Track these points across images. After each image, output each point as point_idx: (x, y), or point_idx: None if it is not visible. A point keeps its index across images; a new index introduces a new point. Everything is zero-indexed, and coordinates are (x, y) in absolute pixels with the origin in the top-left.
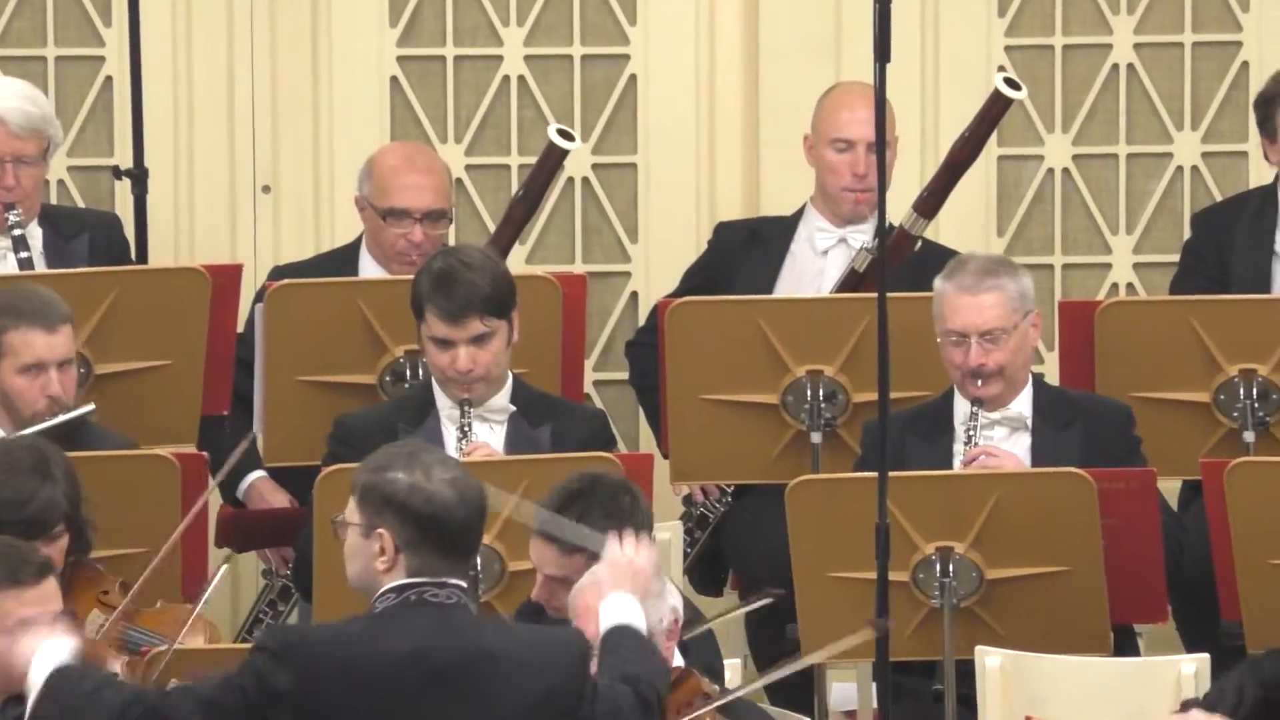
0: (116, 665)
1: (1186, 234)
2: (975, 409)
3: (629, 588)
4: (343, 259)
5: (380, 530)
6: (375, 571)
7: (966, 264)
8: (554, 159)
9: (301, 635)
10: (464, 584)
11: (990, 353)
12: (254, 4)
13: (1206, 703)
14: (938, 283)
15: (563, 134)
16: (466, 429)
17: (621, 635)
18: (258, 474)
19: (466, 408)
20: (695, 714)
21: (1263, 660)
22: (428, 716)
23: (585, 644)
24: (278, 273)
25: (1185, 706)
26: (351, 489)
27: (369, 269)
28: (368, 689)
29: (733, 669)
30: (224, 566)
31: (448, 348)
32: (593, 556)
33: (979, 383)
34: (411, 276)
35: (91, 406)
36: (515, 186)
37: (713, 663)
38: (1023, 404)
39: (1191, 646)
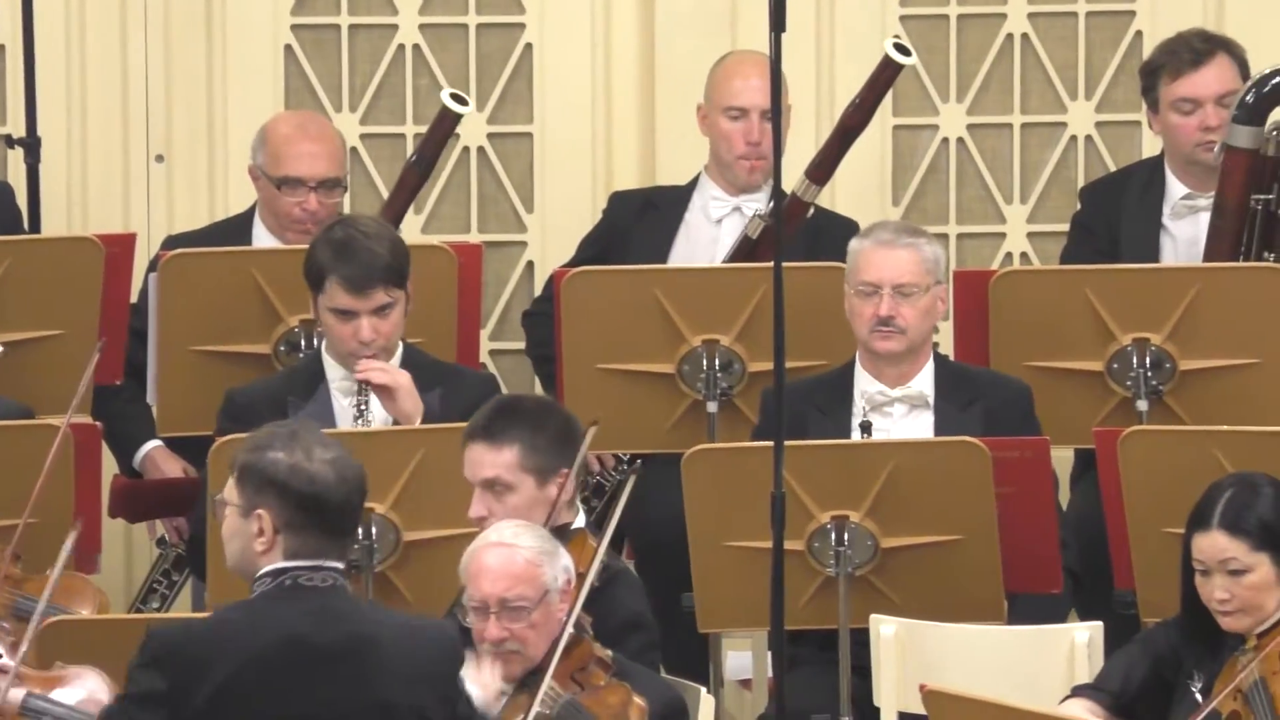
0: (2, 647)
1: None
2: (874, 385)
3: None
4: (236, 228)
5: (259, 511)
6: (254, 553)
7: (886, 224)
8: (447, 123)
9: (174, 636)
10: (340, 567)
11: (899, 306)
12: None
13: (1093, 685)
14: (854, 241)
15: (456, 98)
16: (364, 406)
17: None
18: (154, 443)
19: (365, 385)
20: (589, 678)
21: (1153, 636)
22: (304, 702)
23: (458, 635)
24: (171, 242)
25: (1075, 692)
26: (230, 468)
27: (262, 238)
28: (243, 678)
29: None
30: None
31: (350, 318)
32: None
33: (885, 338)
34: (305, 246)
35: None
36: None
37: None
38: (924, 382)
39: (1085, 615)
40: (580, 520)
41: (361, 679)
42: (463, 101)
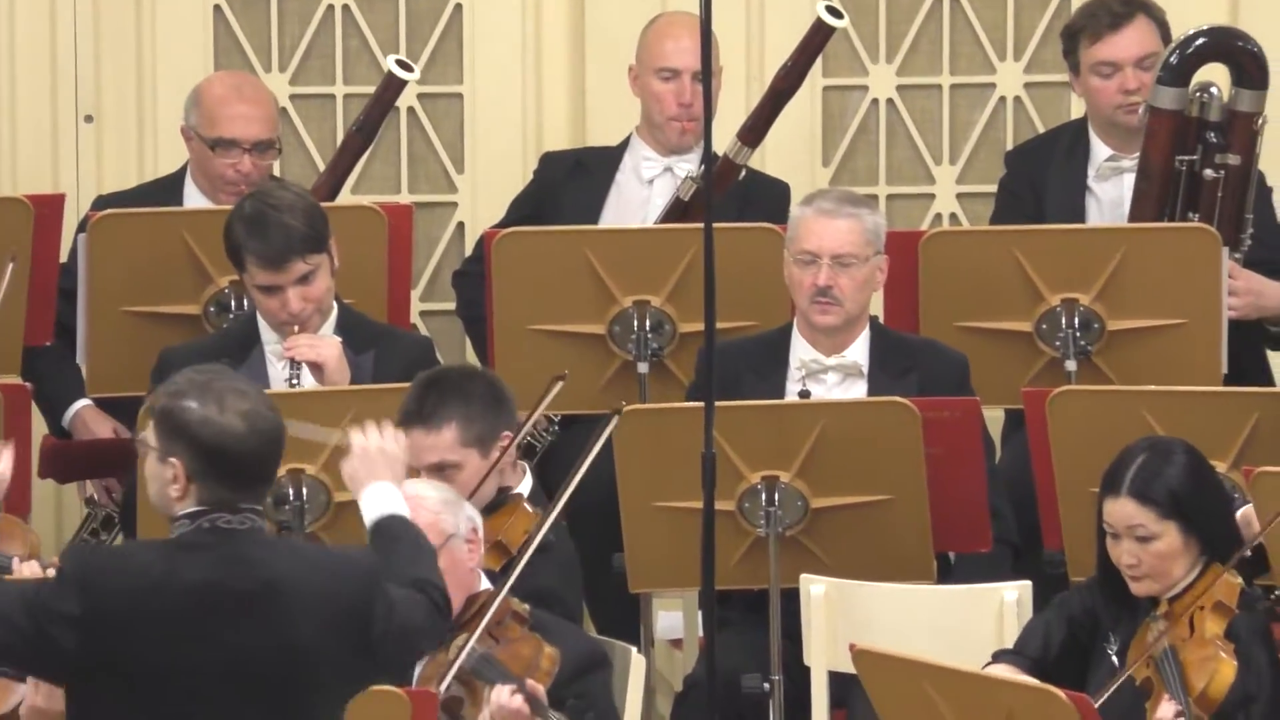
0: None
1: None
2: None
3: (385, 475)
4: (166, 188)
5: (172, 459)
6: (170, 498)
7: (829, 193)
8: (392, 90)
9: (95, 560)
10: (259, 508)
11: (838, 276)
12: None
13: (1015, 649)
14: (795, 208)
15: (401, 64)
16: (296, 373)
17: (391, 527)
18: (83, 403)
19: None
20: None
21: (1069, 599)
22: (219, 642)
23: (376, 562)
24: (101, 202)
25: (996, 658)
26: (150, 410)
27: (194, 199)
28: (159, 616)
29: None
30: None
31: (275, 293)
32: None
33: (823, 309)
34: (224, 209)
35: None
36: (341, 116)
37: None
38: (859, 352)
39: (1014, 574)
40: (526, 485)
41: (272, 624)
42: (408, 68)
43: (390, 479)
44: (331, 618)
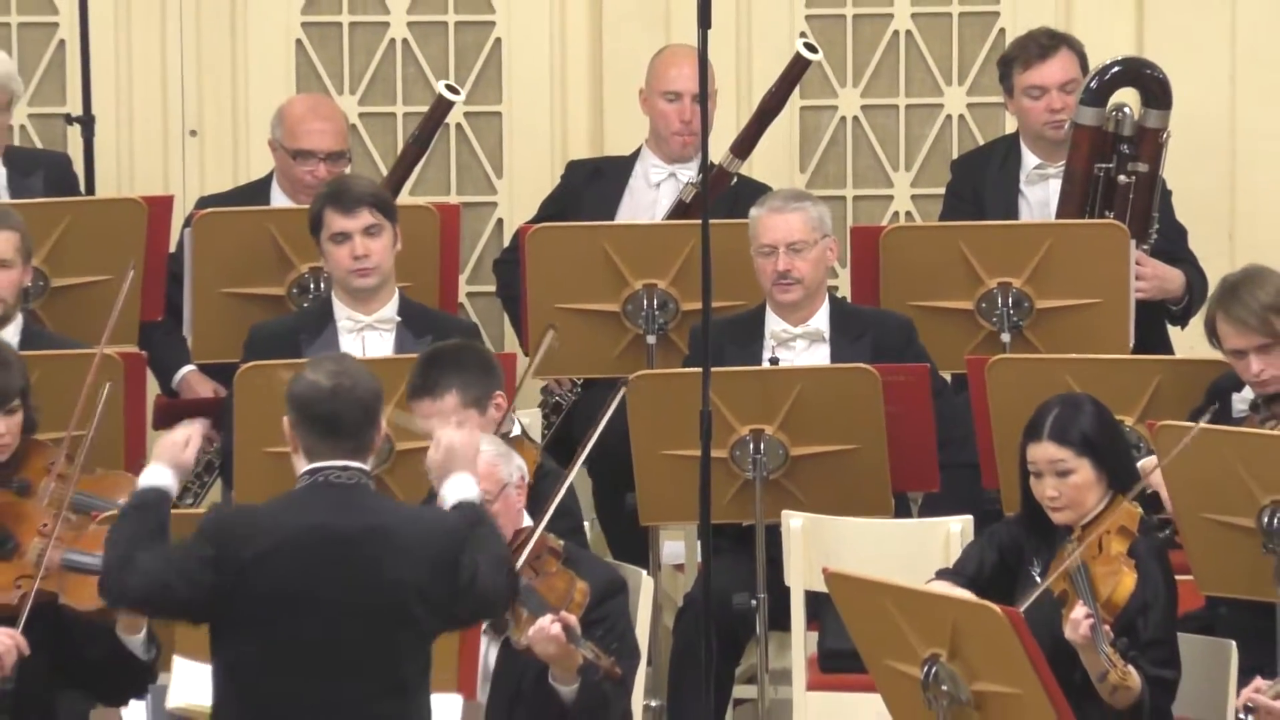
0: (45, 517)
1: None
2: (782, 325)
3: (465, 467)
4: (256, 191)
5: (285, 417)
6: (292, 454)
7: (777, 194)
8: (442, 109)
9: (226, 514)
10: (365, 468)
11: (794, 261)
12: None
13: (953, 570)
14: (753, 210)
15: (450, 89)
16: (364, 341)
17: (470, 512)
18: (189, 368)
19: (364, 321)
20: (543, 563)
21: (998, 529)
22: (325, 579)
23: (462, 522)
24: (203, 202)
25: (938, 575)
26: None
27: (279, 199)
28: (274, 556)
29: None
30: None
31: (345, 240)
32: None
33: (785, 289)
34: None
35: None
36: (401, 132)
37: (571, 515)
38: (821, 320)
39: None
40: (516, 429)
41: (373, 561)
42: (455, 91)
43: (469, 471)
44: (422, 562)
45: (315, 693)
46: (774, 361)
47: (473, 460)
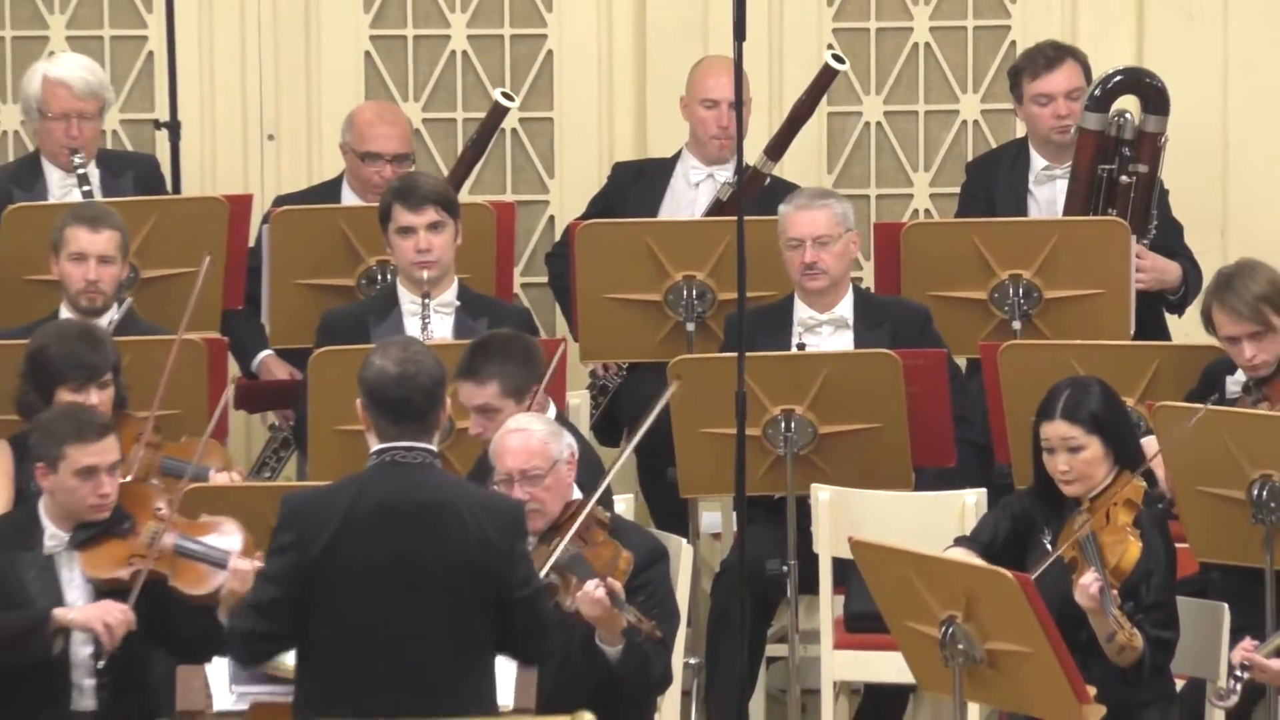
0: (161, 502)
1: None
2: (810, 313)
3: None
4: (327, 191)
5: (358, 399)
6: (365, 432)
7: (804, 192)
8: (497, 115)
9: (302, 496)
10: (433, 449)
11: (820, 253)
12: (261, 1)
13: (969, 537)
14: (782, 207)
15: (505, 96)
16: (427, 320)
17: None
18: (266, 352)
19: (425, 300)
20: (590, 533)
21: (1011, 501)
22: (393, 554)
23: (522, 510)
24: (279, 201)
25: (955, 542)
26: None
27: (349, 198)
28: (347, 533)
29: (626, 503)
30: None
31: (410, 235)
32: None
33: (812, 278)
34: (374, 205)
35: (128, 301)
36: (460, 136)
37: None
38: (845, 308)
39: (981, 469)
40: (551, 412)
41: (437, 538)
42: (510, 99)
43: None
44: (485, 541)
45: (387, 658)
46: (800, 347)
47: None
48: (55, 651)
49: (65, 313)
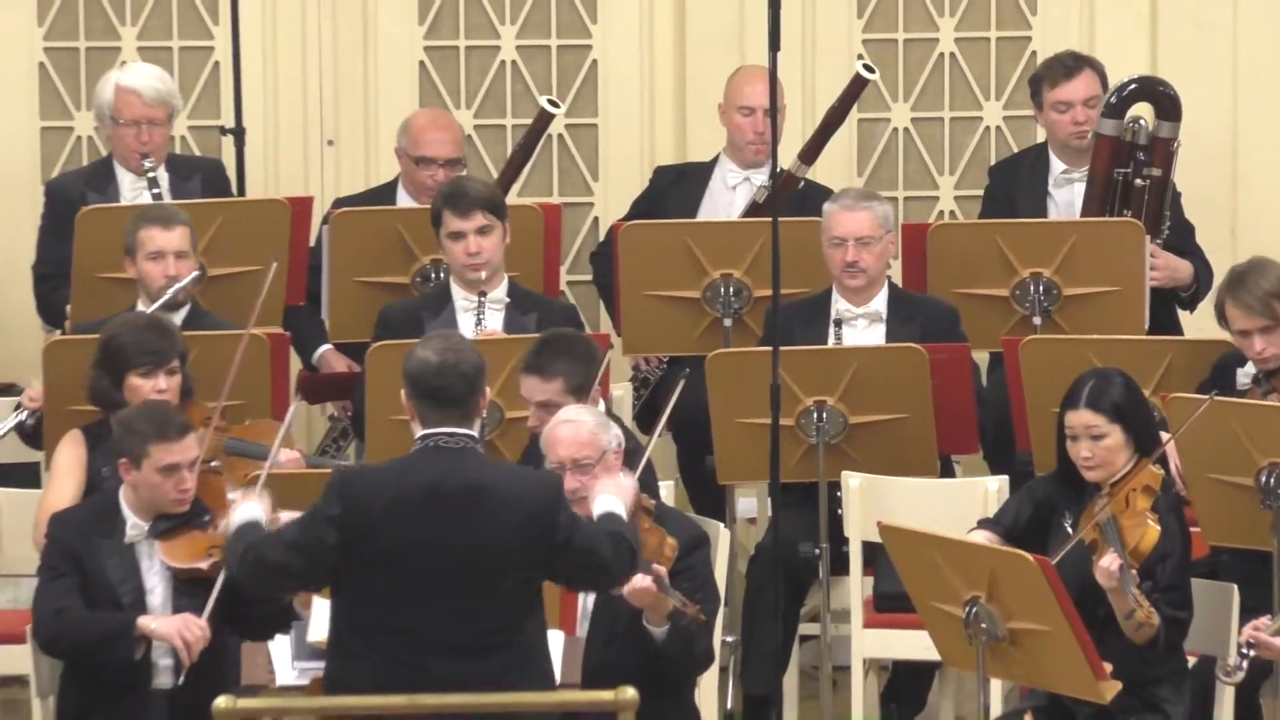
0: (236, 495)
1: None
2: (845, 306)
3: (616, 495)
4: (383, 193)
5: (402, 389)
6: (410, 421)
7: (849, 192)
8: (544, 120)
9: (350, 474)
10: (473, 434)
11: (861, 252)
12: (321, 10)
13: (993, 520)
14: (827, 205)
15: (551, 103)
16: (481, 315)
17: (609, 515)
18: (326, 347)
19: (481, 298)
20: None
21: (1034, 486)
22: (436, 531)
23: (559, 482)
24: (339, 203)
25: (979, 524)
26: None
27: (404, 200)
28: (394, 511)
29: (666, 489)
30: (293, 407)
31: (460, 239)
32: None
33: (852, 276)
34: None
35: (197, 273)
36: (510, 142)
37: (650, 483)
38: (880, 303)
39: (995, 471)
40: (601, 407)
41: (476, 515)
42: (555, 105)
43: (619, 499)
44: (520, 518)
45: (427, 631)
46: (838, 323)
47: (627, 496)
48: (136, 657)
49: (141, 308)
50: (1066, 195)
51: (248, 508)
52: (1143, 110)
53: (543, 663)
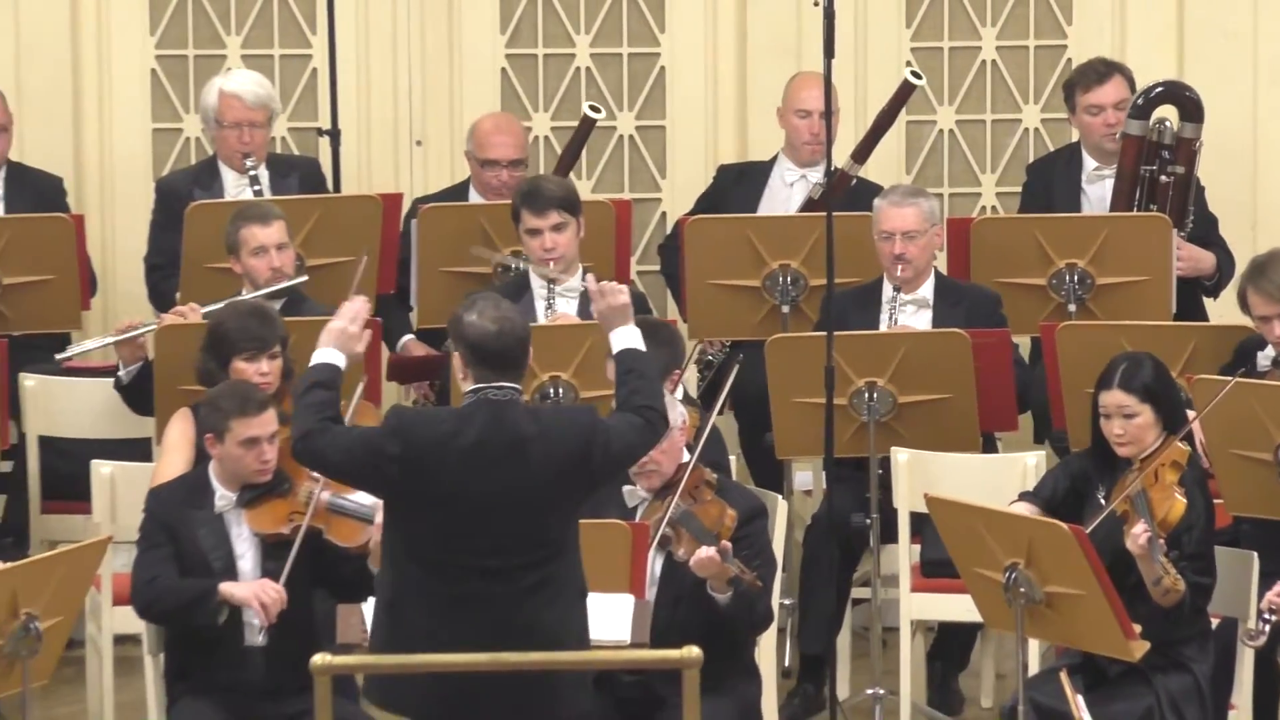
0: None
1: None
2: (896, 292)
3: (627, 321)
4: (457, 193)
5: (455, 353)
6: (459, 380)
7: (897, 189)
8: (587, 125)
9: (410, 417)
10: (518, 386)
11: (908, 245)
12: (410, 22)
13: (1031, 492)
14: (876, 201)
15: (592, 108)
16: (551, 302)
17: (628, 358)
18: (408, 336)
19: (552, 286)
20: (699, 493)
21: (1070, 460)
22: (488, 476)
23: (592, 414)
24: (424, 199)
25: (1020, 497)
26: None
27: (474, 199)
28: (449, 457)
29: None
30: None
31: (537, 235)
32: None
33: (899, 268)
34: (507, 202)
35: (304, 278)
36: (584, 146)
37: (719, 458)
38: (927, 290)
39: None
40: (680, 392)
41: (523, 459)
42: (596, 110)
43: (629, 324)
44: (560, 459)
45: (478, 564)
46: (897, 290)
47: (628, 314)
48: (220, 621)
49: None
50: (1098, 190)
51: (329, 352)
52: (1167, 112)
53: (579, 574)
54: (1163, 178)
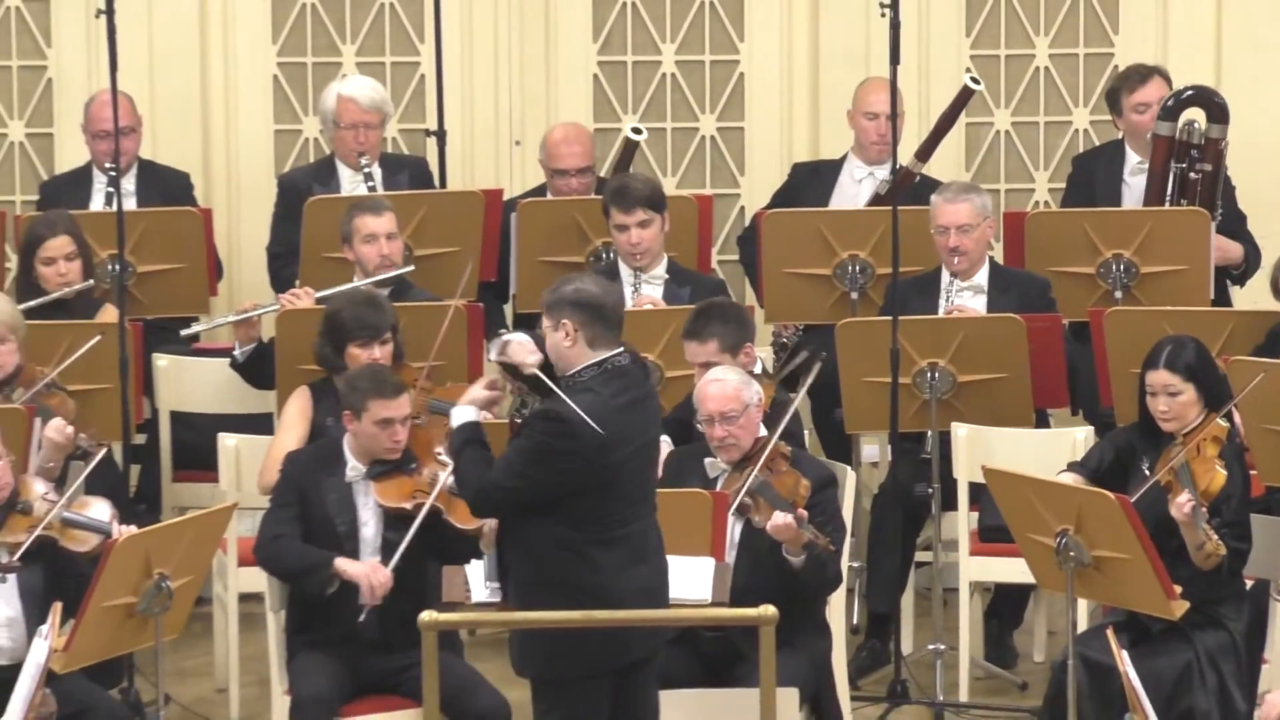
0: (441, 447)
1: None
2: (953, 279)
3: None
4: (537, 194)
5: (564, 320)
6: (565, 351)
7: (951, 185)
8: (630, 147)
9: (570, 416)
10: (630, 350)
11: (962, 238)
12: (510, 32)
13: (1080, 463)
14: (933, 198)
15: (634, 130)
16: (637, 287)
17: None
18: (501, 331)
19: (639, 274)
20: (775, 464)
21: (1117, 434)
22: (641, 438)
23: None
24: (523, 194)
25: (1068, 467)
26: (541, 308)
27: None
28: (612, 426)
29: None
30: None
31: (624, 230)
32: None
33: (955, 259)
34: (599, 198)
35: (411, 268)
36: (670, 144)
37: (794, 430)
38: (981, 278)
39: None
40: (758, 368)
41: (655, 419)
42: (639, 132)
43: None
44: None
45: (633, 514)
46: (952, 279)
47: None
48: (329, 592)
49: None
50: (1140, 182)
51: (463, 411)
52: (1196, 114)
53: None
54: (1191, 174)
